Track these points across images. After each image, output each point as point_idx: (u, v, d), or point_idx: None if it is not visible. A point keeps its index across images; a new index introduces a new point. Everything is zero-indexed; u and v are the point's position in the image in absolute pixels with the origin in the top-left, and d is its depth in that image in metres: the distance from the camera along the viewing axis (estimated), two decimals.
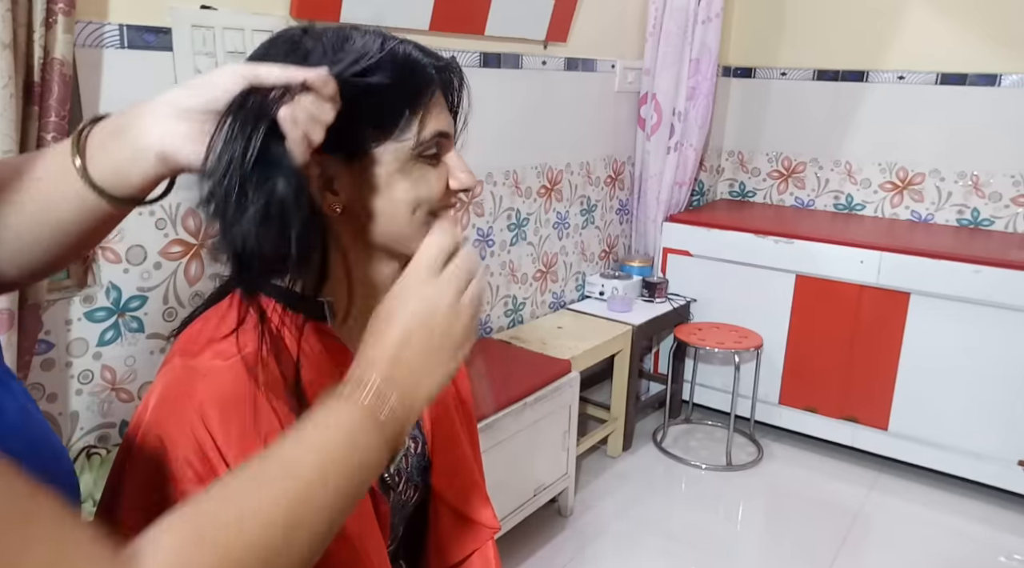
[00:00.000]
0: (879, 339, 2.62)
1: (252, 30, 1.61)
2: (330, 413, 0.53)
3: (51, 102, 1.27)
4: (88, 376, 1.48)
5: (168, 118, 0.55)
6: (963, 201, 2.94)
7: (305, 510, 0.48)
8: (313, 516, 0.49)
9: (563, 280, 2.85)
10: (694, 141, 2.97)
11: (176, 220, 1.57)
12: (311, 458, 0.50)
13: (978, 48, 2.80)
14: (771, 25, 3.25)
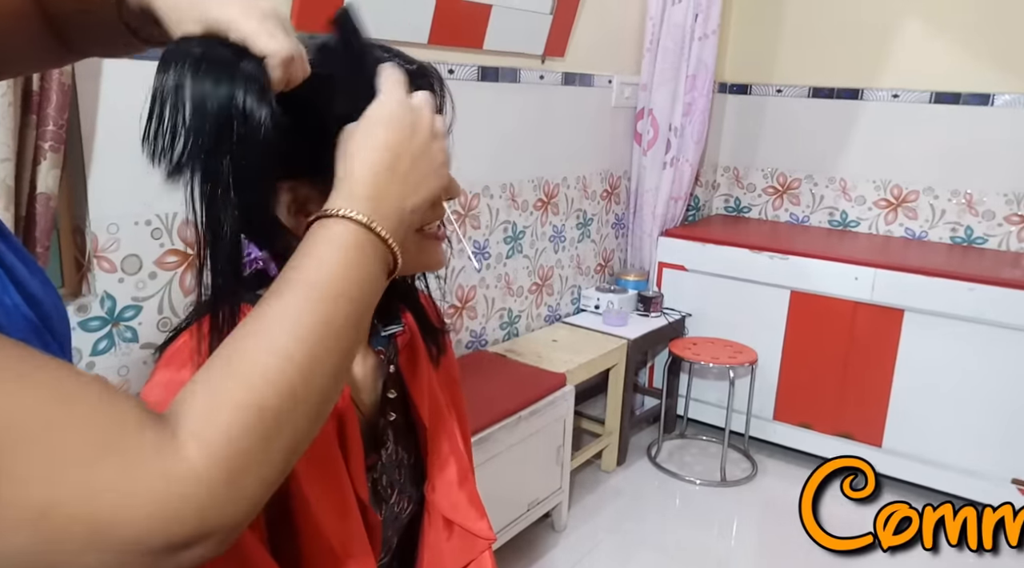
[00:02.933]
0: (873, 356, 2.62)
1: None
2: (326, 233, 0.53)
3: (49, 111, 1.27)
4: None
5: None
6: (957, 219, 2.96)
7: (320, 334, 0.49)
8: (328, 342, 0.49)
9: (559, 293, 2.85)
10: (690, 156, 2.98)
11: (172, 230, 1.57)
12: (316, 279, 0.51)
13: (971, 67, 2.83)
14: (767, 42, 3.27)
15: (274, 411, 0.45)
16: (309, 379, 0.48)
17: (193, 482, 0.40)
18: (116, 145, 1.45)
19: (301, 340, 0.48)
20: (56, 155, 1.29)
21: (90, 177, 1.43)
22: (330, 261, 0.52)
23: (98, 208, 1.45)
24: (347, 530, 0.68)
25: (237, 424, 0.43)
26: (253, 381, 0.45)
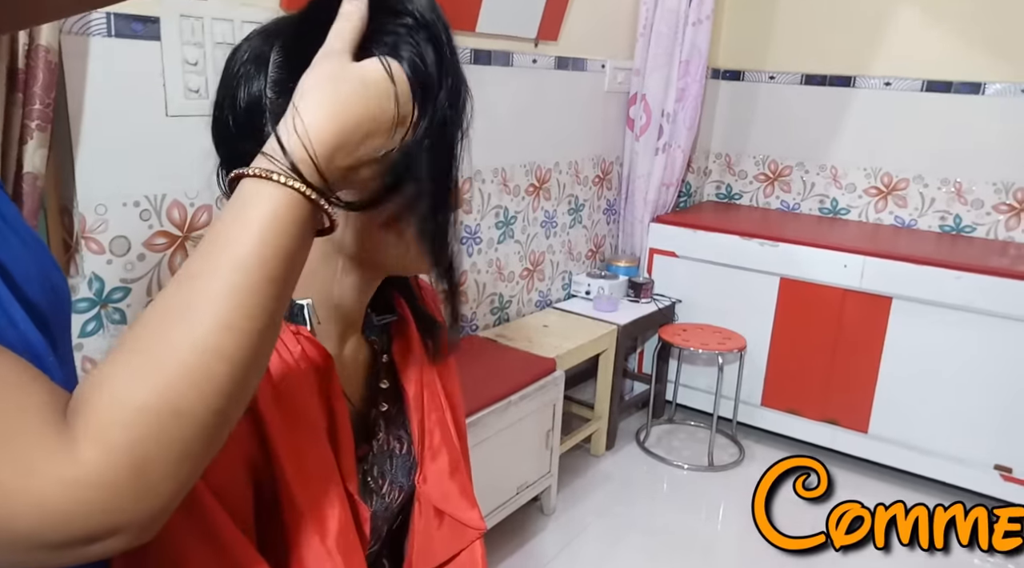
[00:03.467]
0: (861, 343, 2.64)
1: (242, 21, 1.60)
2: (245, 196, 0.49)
3: (35, 89, 1.25)
4: None
5: None
6: (946, 207, 2.97)
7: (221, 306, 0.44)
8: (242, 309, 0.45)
9: (550, 279, 2.86)
10: (682, 142, 2.98)
11: (161, 211, 1.56)
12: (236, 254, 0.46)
13: (963, 56, 2.83)
14: (761, 29, 3.26)
15: (190, 410, 0.42)
16: (227, 370, 0.44)
17: (92, 486, 0.39)
18: (104, 124, 1.43)
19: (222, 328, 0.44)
20: (43, 134, 1.27)
21: (77, 157, 1.41)
22: (251, 232, 0.47)
23: (86, 188, 1.43)
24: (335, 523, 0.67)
25: (142, 425, 0.40)
26: (165, 375, 0.42)
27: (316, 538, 0.66)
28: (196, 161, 0.69)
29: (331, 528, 0.67)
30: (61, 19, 1.31)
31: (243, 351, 0.45)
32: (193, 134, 1.52)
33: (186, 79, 1.54)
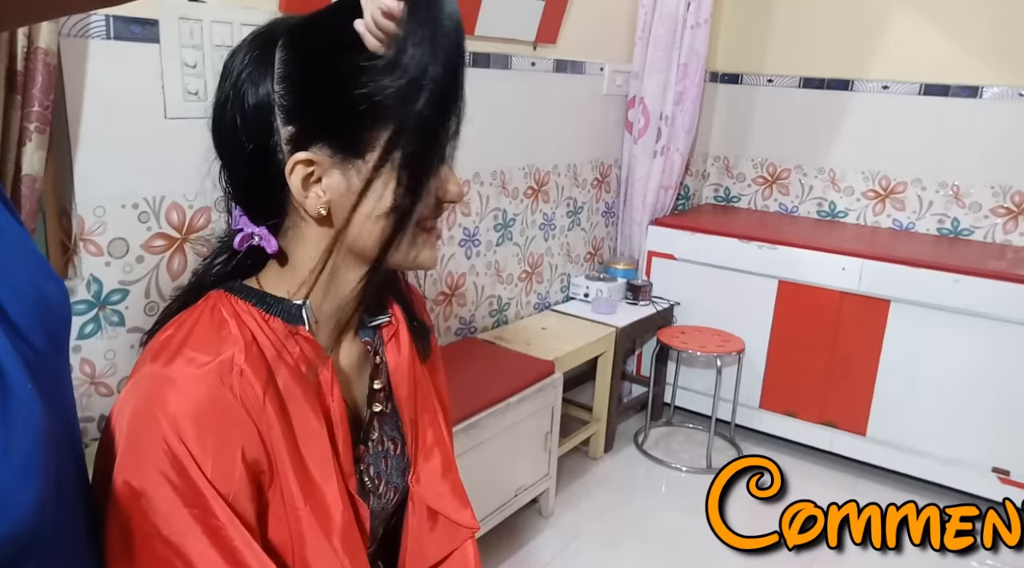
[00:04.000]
0: (859, 345, 2.65)
1: (240, 24, 1.60)
2: None
3: (34, 91, 1.25)
4: None
5: None
6: (944, 211, 2.98)
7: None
8: None
9: (548, 281, 2.86)
10: (680, 145, 2.98)
11: (160, 213, 1.56)
12: None
13: (961, 60, 2.84)
14: (759, 32, 3.27)
15: None
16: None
17: None
18: (103, 126, 1.43)
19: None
20: (41, 136, 1.27)
21: (76, 159, 1.42)
22: None
23: (84, 190, 1.43)
24: (339, 523, 0.68)
25: None
26: None
27: (321, 537, 0.66)
28: (195, 163, 0.70)
29: (335, 527, 0.67)
30: (64, 17, 1.31)
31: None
32: (192, 136, 1.52)
33: (185, 81, 1.55)
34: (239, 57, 0.65)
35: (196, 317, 0.66)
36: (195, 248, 1.63)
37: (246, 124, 0.64)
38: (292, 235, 0.68)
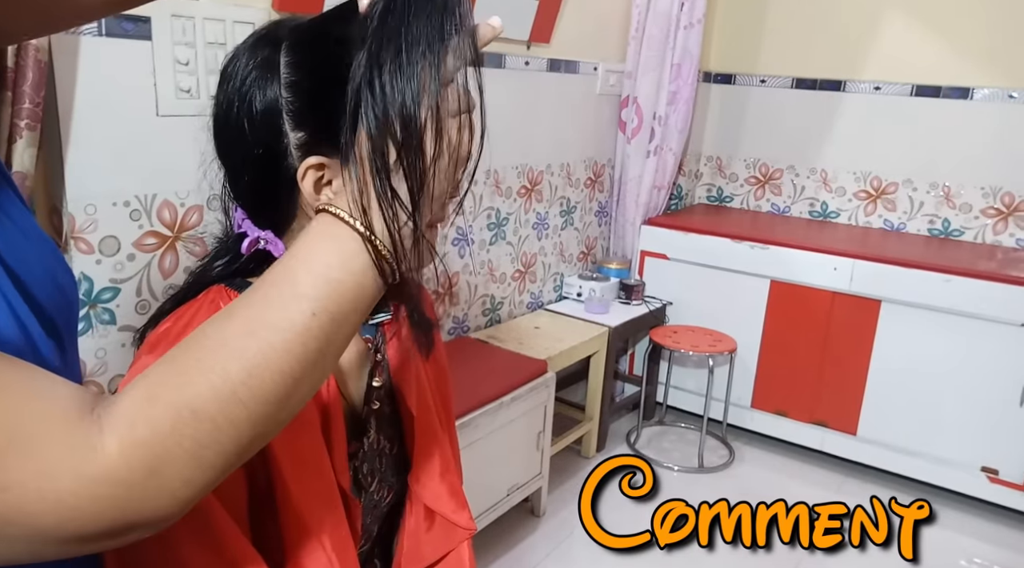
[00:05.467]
0: (850, 345, 2.66)
1: (233, 21, 1.60)
2: (327, 232, 0.50)
3: (25, 88, 1.24)
4: None
5: None
6: (934, 211, 3.00)
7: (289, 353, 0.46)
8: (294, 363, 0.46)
9: (541, 280, 2.86)
10: (674, 145, 2.99)
11: (151, 211, 1.55)
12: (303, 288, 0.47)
13: (952, 61, 2.86)
14: (751, 33, 3.28)
15: (211, 418, 0.43)
16: (259, 395, 0.45)
17: (108, 482, 0.40)
18: (94, 124, 1.43)
19: (264, 355, 0.45)
20: (32, 133, 1.27)
21: (67, 156, 1.41)
22: (320, 269, 0.48)
23: (75, 188, 1.42)
24: (329, 518, 0.68)
25: (166, 423, 0.42)
26: (196, 383, 0.44)
27: (310, 532, 0.66)
28: (187, 161, 0.70)
29: (325, 522, 0.67)
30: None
31: (275, 395, 0.46)
32: (184, 134, 1.52)
33: (177, 79, 1.54)
34: (241, 61, 0.64)
35: (195, 310, 0.66)
36: (187, 246, 1.62)
37: (254, 130, 0.63)
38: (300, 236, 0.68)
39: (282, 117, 0.62)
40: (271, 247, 0.67)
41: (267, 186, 0.65)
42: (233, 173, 0.68)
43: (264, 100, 0.62)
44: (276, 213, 0.67)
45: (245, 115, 0.63)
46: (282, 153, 0.63)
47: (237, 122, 0.64)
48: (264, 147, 0.63)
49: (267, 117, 0.63)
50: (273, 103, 0.62)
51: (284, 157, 0.63)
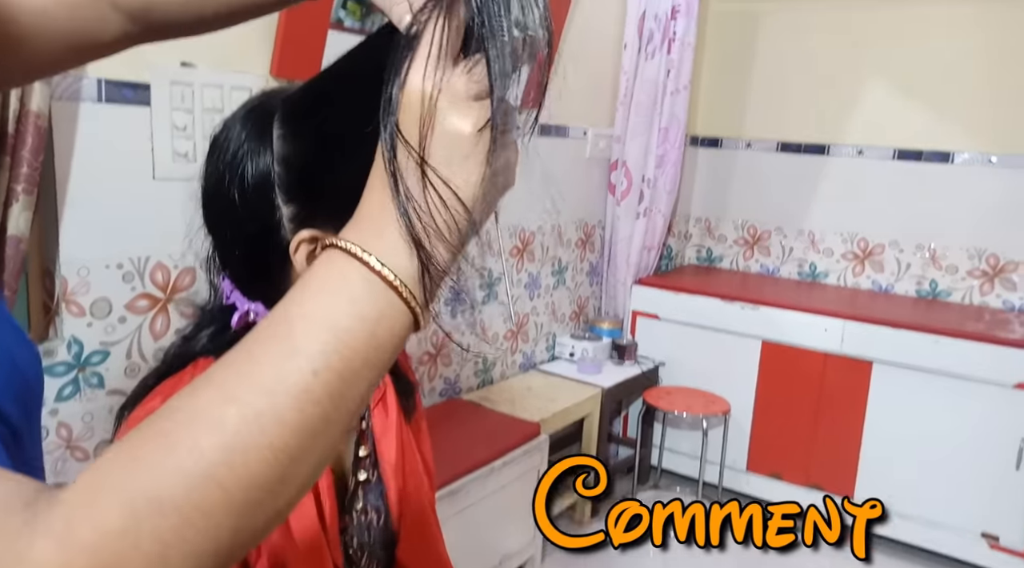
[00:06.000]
0: (844, 407, 2.65)
1: (231, 87, 1.63)
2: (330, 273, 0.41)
3: (24, 153, 1.26)
4: (42, 433, 1.42)
5: None
6: (922, 272, 3.03)
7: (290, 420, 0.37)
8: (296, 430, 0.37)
9: (534, 340, 2.85)
10: (663, 207, 3.03)
11: (144, 274, 1.55)
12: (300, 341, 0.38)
13: (932, 126, 2.94)
14: (736, 98, 3.37)
15: (178, 509, 0.34)
16: (244, 477, 0.35)
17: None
18: (91, 187, 1.44)
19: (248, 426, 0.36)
20: (29, 197, 1.27)
21: (62, 219, 1.41)
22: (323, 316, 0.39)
23: (69, 250, 1.42)
24: None
25: (116, 519, 0.33)
26: (158, 464, 0.34)
27: None
28: (181, 223, 0.69)
29: None
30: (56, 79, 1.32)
31: (265, 478, 0.36)
32: (179, 197, 1.52)
33: (175, 143, 1.56)
34: (232, 132, 0.64)
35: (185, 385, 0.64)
36: (179, 308, 1.61)
37: (246, 202, 0.62)
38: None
39: (275, 190, 0.61)
40: (261, 319, 0.66)
41: (258, 258, 0.64)
42: (222, 244, 0.67)
43: (256, 173, 0.62)
44: (267, 285, 0.65)
45: (236, 188, 0.62)
46: (274, 226, 0.62)
47: (228, 194, 0.63)
48: (256, 220, 0.62)
49: (259, 190, 0.62)
50: (266, 176, 0.61)
51: (276, 230, 0.62)
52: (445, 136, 0.41)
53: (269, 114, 0.63)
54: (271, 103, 0.64)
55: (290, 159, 0.61)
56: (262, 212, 0.62)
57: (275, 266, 0.64)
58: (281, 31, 1.69)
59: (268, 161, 0.62)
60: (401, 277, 0.40)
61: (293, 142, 0.61)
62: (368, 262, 0.40)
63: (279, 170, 0.61)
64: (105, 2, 0.55)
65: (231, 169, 0.63)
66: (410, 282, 0.41)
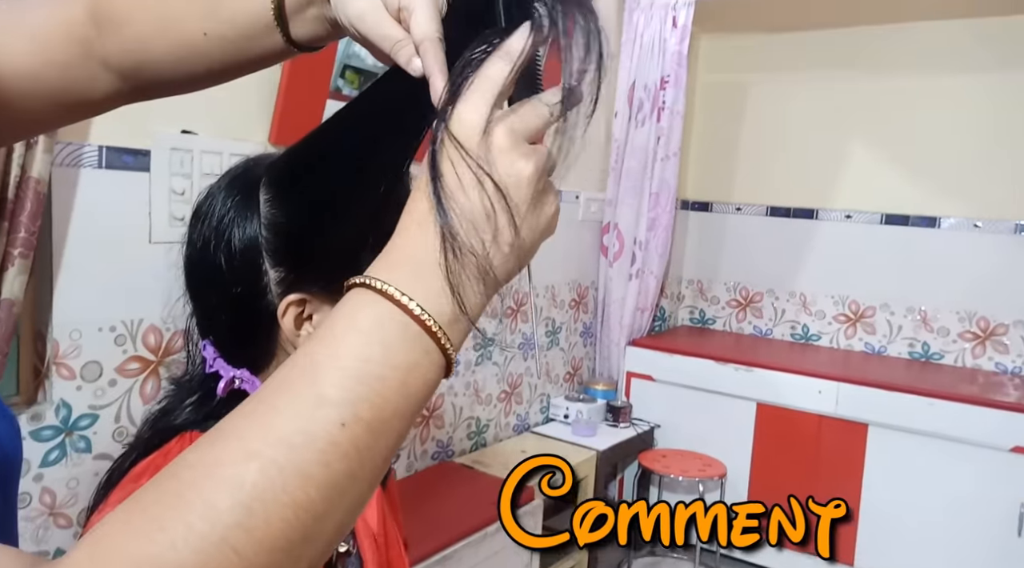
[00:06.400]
0: (841, 470, 2.62)
1: (230, 154, 1.67)
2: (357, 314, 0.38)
3: (22, 218, 1.27)
4: (25, 500, 1.40)
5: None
6: (913, 335, 3.04)
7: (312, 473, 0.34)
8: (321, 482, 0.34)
9: (528, 402, 2.83)
10: (655, 269, 3.06)
11: (137, 336, 1.55)
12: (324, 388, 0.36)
13: (917, 192, 3.00)
14: (725, 164, 3.45)
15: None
16: (263, 541, 0.33)
17: None
18: (87, 251, 1.45)
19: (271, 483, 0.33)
20: (25, 261, 1.29)
21: (57, 283, 1.42)
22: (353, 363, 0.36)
23: (63, 313, 1.43)
24: None
25: None
26: (167, 528, 0.32)
27: None
28: (176, 286, 0.69)
29: None
30: (59, 146, 1.35)
31: (287, 540, 0.34)
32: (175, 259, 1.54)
33: (172, 207, 1.58)
34: (218, 199, 0.64)
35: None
36: (170, 371, 1.61)
37: (232, 268, 0.63)
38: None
39: (262, 255, 0.62)
40: (247, 386, 0.65)
41: (245, 324, 0.64)
42: (207, 311, 0.67)
43: (243, 239, 0.62)
44: (253, 351, 0.65)
45: (223, 253, 0.62)
46: (261, 291, 0.62)
47: (214, 260, 0.63)
48: (243, 285, 0.62)
49: (246, 255, 0.62)
50: (253, 241, 0.62)
51: (263, 295, 0.62)
52: (509, 178, 0.39)
53: (255, 180, 0.63)
54: (256, 170, 0.65)
55: (277, 224, 0.62)
56: (249, 277, 0.62)
57: (262, 331, 0.64)
58: (281, 100, 1.74)
59: (255, 226, 0.62)
60: (440, 323, 0.38)
61: (280, 207, 0.62)
62: (408, 307, 0.37)
63: (266, 235, 0.62)
64: (96, 61, 0.55)
65: (217, 235, 0.63)
66: (449, 329, 0.38)
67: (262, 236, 0.62)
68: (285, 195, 0.62)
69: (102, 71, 0.56)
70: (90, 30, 0.54)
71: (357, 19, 0.46)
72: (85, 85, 0.56)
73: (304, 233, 0.61)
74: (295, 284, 0.62)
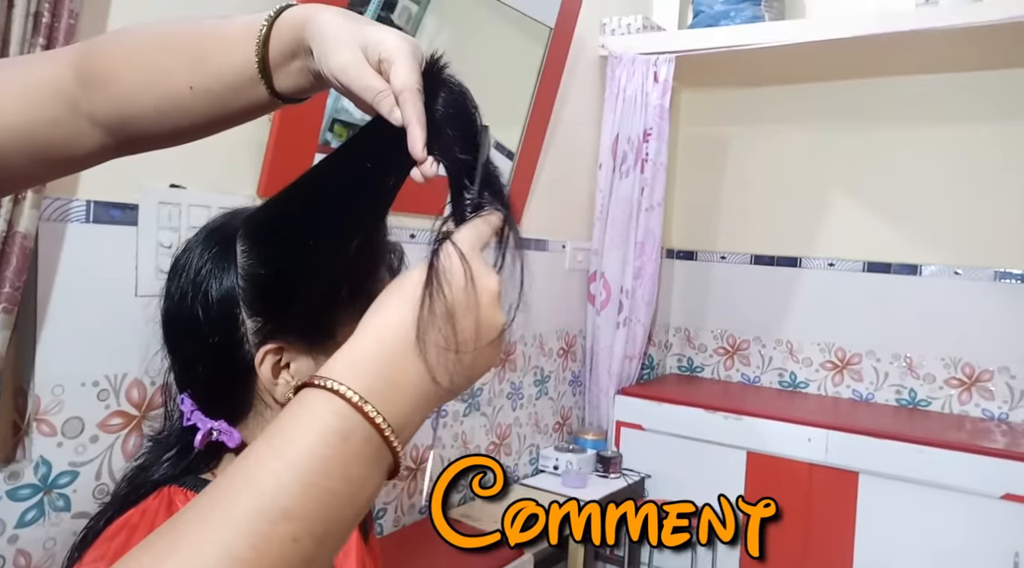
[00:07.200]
0: (833, 519, 2.59)
1: (218, 207, 1.67)
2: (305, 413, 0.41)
3: (7, 273, 1.27)
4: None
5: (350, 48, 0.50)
6: (900, 382, 3.06)
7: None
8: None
9: (517, 453, 2.80)
10: (642, 317, 3.07)
11: (120, 391, 1.53)
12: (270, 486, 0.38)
13: (898, 240, 3.05)
14: (709, 214, 3.50)
15: None
16: None
17: None
18: (72, 305, 1.44)
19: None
20: (8, 316, 1.28)
21: (41, 337, 1.41)
22: (316, 478, 0.38)
23: (45, 368, 1.41)
24: None
25: None
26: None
27: None
28: (153, 339, 0.69)
29: None
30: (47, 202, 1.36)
31: None
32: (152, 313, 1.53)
33: (159, 261, 1.58)
34: (195, 252, 0.65)
35: (152, 516, 0.63)
36: (152, 426, 1.58)
37: (209, 319, 0.63)
38: (254, 424, 0.67)
39: (239, 305, 0.63)
40: (225, 437, 0.65)
41: (223, 375, 0.65)
42: (185, 363, 0.67)
43: (220, 289, 0.63)
44: (231, 402, 0.66)
45: (200, 304, 0.63)
46: (239, 341, 0.63)
47: (191, 312, 0.64)
48: (220, 335, 0.63)
49: (223, 305, 0.63)
50: (230, 292, 0.63)
51: (241, 345, 0.63)
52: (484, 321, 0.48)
53: (232, 232, 0.65)
54: (233, 222, 0.66)
55: (254, 274, 0.63)
56: (226, 327, 0.63)
57: (239, 381, 0.65)
58: (270, 153, 1.76)
59: (232, 277, 0.63)
60: (395, 428, 0.42)
61: (257, 257, 0.63)
62: (375, 420, 0.41)
63: (243, 285, 0.63)
64: (83, 118, 0.56)
65: (195, 287, 0.64)
66: (400, 434, 0.43)
67: (239, 286, 0.63)
68: (262, 245, 0.63)
69: (89, 127, 0.57)
70: (76, 88, 0.55)
71: (340, 71, 0.49)
72: (72, 141, 0.57)
73: (281, 282, 0.62)
74: (272, 333, 0.63)
